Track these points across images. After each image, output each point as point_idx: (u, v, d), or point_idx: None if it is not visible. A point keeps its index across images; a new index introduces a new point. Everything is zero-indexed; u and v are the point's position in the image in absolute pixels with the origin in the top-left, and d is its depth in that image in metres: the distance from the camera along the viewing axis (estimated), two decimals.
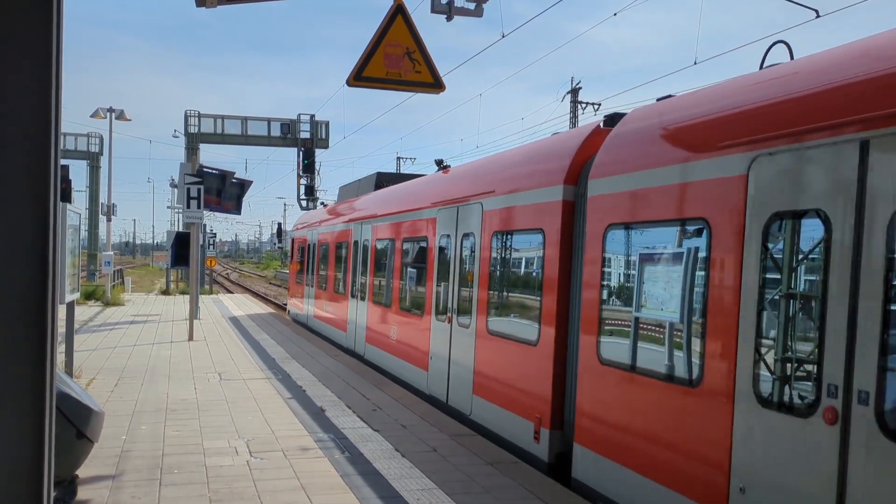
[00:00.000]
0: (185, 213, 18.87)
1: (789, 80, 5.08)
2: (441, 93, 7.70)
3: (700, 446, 5.34)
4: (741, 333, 5.00)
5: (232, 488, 6.65)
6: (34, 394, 1.40)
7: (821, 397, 4.35)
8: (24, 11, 1.36)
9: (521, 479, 7.11)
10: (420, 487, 6.82)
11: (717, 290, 5.25)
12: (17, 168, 1.37)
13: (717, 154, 5.36)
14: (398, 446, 8.22)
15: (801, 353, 4.64)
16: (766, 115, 5.03)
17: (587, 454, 6.77)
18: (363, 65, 7.31)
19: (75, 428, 6.48)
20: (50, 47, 1.39)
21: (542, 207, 7.81)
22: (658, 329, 6.05)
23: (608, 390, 6.47)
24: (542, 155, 8.27)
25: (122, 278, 39.40)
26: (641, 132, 6.44)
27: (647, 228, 6.19)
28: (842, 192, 4.32)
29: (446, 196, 10.87)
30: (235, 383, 11.95)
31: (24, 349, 1.39)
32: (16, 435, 1.39)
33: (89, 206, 56.77)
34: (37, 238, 1.39)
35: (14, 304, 1.38)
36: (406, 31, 7.35)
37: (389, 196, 14.68)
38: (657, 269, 6.13)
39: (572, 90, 36.57)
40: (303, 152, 42.15)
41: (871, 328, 4.09)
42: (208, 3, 3.01)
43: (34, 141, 1.38)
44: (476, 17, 7.25)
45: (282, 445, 8.15)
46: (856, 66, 4.51)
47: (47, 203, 1.40)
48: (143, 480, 6.79)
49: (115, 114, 29.10)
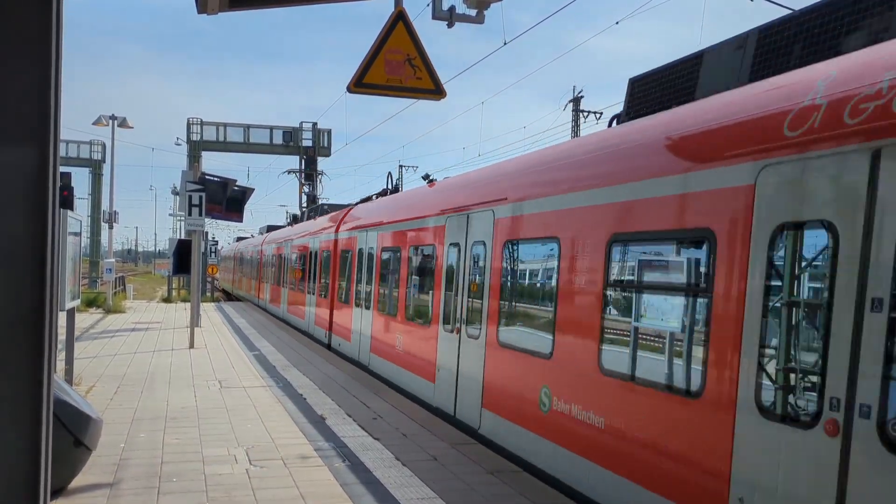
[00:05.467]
0: (186, 221, 18.87)
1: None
2: (442, 99, 7.69)
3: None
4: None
5: (231, 497, 6.61)
6: (31, 401, 1.39)
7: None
8: (25, 19, 1.36)
9: (521, 488, 7.07)
10: (420, 496, 6.78)
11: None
12: (16, 175, 1.36)
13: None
14: (399, 455, 8.18)
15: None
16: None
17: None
18: (364, 71, 7.32)
19: (73, 436, 6.46)
20: (49, 55, 1.38)
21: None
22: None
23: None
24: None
25: (123, 286, 39.41)
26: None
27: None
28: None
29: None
30: (236, 391, 11.92)
31: (21, 356, 1.38)
32: (13, 443, 1.37)
33: (91, 214, 56.88)
34: (36, 245, 1.38)
35: (12, 310, 1.37)
36: (407, 37, 7.36)
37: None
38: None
39: (574, 99, 36.64)
40: (305, 160, 42.23)
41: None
42: (210, 10, 3.02)
43: (33, 148, 1.37)
44: (477, 23, 7.26)
45: (282, 454, 8.12)
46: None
47: (46, 210, 1.39)
48: (141, 489, 6.76)
49: (118, 121, 29.19)
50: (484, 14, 7.23)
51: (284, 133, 43.35)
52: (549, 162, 8.42)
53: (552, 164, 8.32)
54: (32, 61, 1.37)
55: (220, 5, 3.26)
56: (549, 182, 8.04)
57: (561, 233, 7.55)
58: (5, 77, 1.35)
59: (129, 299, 36.51)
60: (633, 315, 6.29)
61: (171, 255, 23.36)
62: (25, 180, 1.37)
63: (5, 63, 1.35)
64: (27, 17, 1.36)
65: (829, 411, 4.27)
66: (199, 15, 3.29)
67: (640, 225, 6.24)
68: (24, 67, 1.36)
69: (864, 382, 4.09)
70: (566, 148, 8.40)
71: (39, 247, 1.39)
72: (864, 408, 4.07)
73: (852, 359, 4.15)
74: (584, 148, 7.71)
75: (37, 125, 1.38)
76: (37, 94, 1.38)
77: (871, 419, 4.02)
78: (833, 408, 4.24)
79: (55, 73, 1.39)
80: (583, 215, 7.16)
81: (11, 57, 1.35)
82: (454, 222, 10.57)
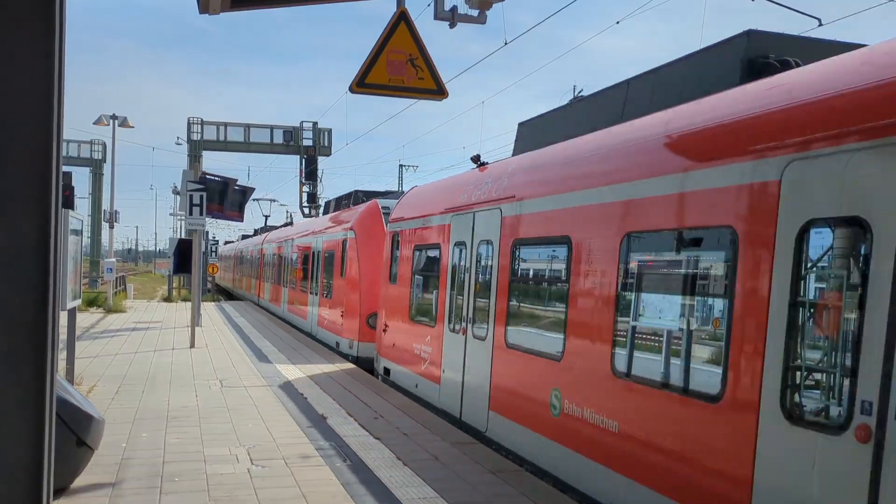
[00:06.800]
0: (187, 220, 18.88)
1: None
2: (444, 100, 7.69)
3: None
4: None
5: (233, 496, 6.61)
6: (34, 401, 1.39)
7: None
8: (25, 19, 1.36)
9: (523, 488, 7.07)
10: (422, 496, 6.78)
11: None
12: (18, 175, 1.36)
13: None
14: (400, 454, 8.18)
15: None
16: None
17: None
18: (366, 71, 7.32)
19: (75, 435, 6.46)
20: (52, 55, 1.38)
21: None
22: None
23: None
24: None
25: (124, 285, 39.41)
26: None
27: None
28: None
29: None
30: (237, 390, 11.92)
31: (24, 355, 1.38)
32: (15, 442, 1.37)
33: (92, 213, 56.93)
34: (38, 245, 1.38)
35: (15, 310, 1.37)
36: (409, 37, 7.35)
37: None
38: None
39: (575, 98, 36.63)
40: (305, 159, 42.23)
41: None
42: (211, 10, 3.01)
43: (36, 148, 1.37)
44: (479, 23, 7.26)
45: (283, 453, 8.12)
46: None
47: (49, 210, 1.39)
48: (143, 488, 6.76)
49: (119, 121, 29.18)
50: (486, 14, 7.23)
51: (285, 132, 43.38)
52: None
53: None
54: (35, 61, 1.37)
55: (222, 5, 3.26)
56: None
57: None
58: (8, 77, 1.35)
59: (130, 299, 36.52)
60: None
61: (172, 254, 23.34)
62: (29, 181, 1.37)
63: (9, 63, 1.35)
64: (30, 17, 1.36)
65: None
66: (200, 15, 3.29)
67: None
68: (27, 67, 1.36)
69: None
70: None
71: (42, 247, 1.39)
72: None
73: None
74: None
75: (40, 125, 1.38)
76: (39, 94, 1.37)
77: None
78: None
79: (58, 73, 1.39)
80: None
81: (15, 57, 1.35)
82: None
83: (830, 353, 4.45)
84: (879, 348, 3.99)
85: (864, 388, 4.05)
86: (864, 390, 4.05)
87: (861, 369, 4.09)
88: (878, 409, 3.95)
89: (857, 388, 4.10)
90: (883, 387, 3.94)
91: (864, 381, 4.06)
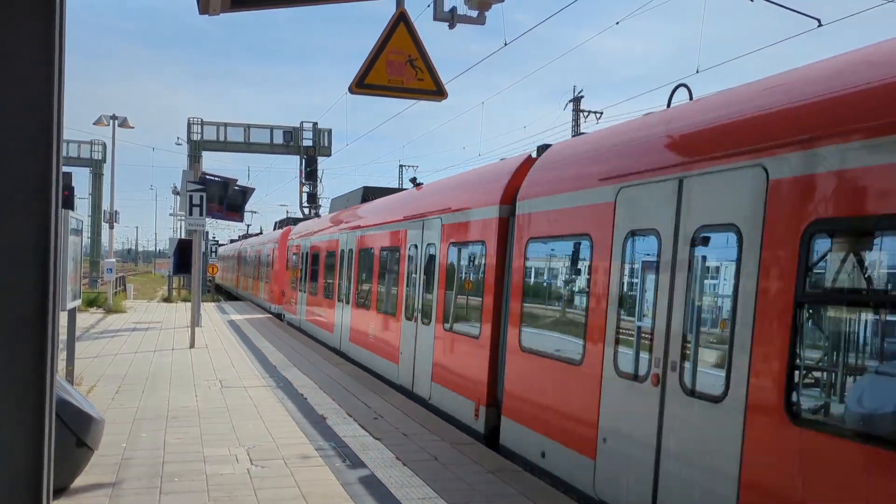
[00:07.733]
0: (187, 221, 18.88)
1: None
2: (443, 100, 7.70)
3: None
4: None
5: (232, 496, 6.62)
6: (34, 401, 1.39)
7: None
8: (25, 19, 1.36)
9: (522, 488, 7.07)
10: (421, 496, 6.79)
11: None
12: (18, 175, 1.37)
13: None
14: (399, 455, 8.19)
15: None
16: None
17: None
18: (366, 72, 7.32)
19: (75, 436, 6.47)
20: (52, 55, 1.38)
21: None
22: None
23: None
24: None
25: (124, 285, 39.42)
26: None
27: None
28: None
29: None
30: (236, 391, 11.93)
31: (24, 356, 1.38)
32: (15, 442, 1.37)
33: (92, 214, 56.89)
34: (38, 245, 1.38)
35: (14, 310, 1.37)
36: (409, 38, 7.36)
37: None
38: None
39: (574, 98, 36.61)
40: (305, 160, 42.20)
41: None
42: (211, 10, 3.01)
43: (36, 148, 1.38)
44: (479, 24, 7.26)
45: (283, 453, 8.12)
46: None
47: (49, 210, 1.40)
48: (142, 489, 6.76)
49: (119, 121, 29.19)
50: (485, 15, 7.23)
51: (285, 133, 43.32)
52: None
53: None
54: (35, 61, 1.37)
55: (222, 6, 3.26)
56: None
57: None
58: (8, 77, 1.35)
59: (130, 299, 36.51)
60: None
61: (172, 254, 23.35)
62: (28, 181, 1.37)
63: (9, 63, 1.35)
64: (30, 17, 1.36)
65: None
66: (200, 15, 3.29)
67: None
68: (27, 67, 1.37)
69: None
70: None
71: (42, 247, 1.39)
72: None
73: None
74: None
75: (40, 125, 1.38)
76: (39, 94, 1.38)
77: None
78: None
79: (58, 74, 1.39)
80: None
81: (15, 57, 1.36)
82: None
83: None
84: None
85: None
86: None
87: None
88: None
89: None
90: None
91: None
